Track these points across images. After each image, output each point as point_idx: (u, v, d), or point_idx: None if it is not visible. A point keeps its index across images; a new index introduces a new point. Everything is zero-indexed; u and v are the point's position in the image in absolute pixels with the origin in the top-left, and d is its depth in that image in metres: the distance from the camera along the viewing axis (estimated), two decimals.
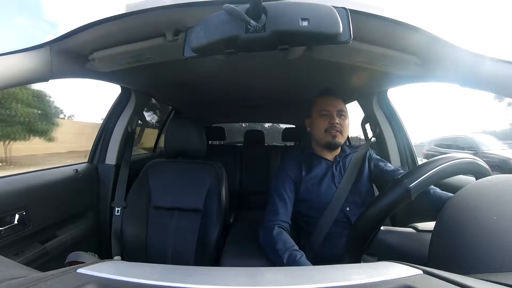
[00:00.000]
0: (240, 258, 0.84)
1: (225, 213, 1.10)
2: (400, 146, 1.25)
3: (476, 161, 0.47)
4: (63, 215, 1.01)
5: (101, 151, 1.25)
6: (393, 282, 0.26)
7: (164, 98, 1.67)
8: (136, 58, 0.82)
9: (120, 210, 1.12)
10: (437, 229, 0.36)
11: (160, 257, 1.03)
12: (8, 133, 7.26)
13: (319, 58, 0.83)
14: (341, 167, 0.92)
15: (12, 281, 0.26)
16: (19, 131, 7.35)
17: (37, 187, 0.91)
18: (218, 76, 1.22)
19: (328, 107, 0.90)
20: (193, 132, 1.13)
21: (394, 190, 0.45)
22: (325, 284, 0.26)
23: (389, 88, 1.20)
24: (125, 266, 0.34)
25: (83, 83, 29.35)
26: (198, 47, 0.46)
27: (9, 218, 0.78)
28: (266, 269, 0.33)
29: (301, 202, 0.88)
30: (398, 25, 0.61)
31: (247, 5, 0.41)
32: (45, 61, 0.66)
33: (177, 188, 1.11)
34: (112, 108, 1.28)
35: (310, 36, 0.42)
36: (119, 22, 0.63)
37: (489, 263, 0.27)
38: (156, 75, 1.15)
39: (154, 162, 1.17)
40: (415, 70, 0.80)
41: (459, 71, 0.66)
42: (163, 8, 0.59)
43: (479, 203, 0.34)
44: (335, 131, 0.88)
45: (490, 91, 0.61)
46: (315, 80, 1.27)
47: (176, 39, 0.69)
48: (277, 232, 0.77)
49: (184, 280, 0.27)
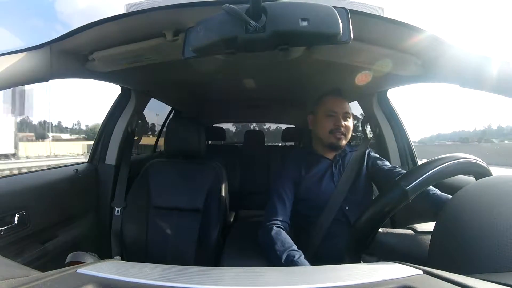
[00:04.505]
0: (240, 258, 0.84)
1: (225, 213, 1.10)
2: (400, 146, 1.25)
3: (475, 161, 0.47)
4: (63, 215, 1.01)
5: (101, 151, 1.25)
6: (393, 282, 0.26)
7: (164, 98, 1.67)
8: (136, 58, 0.82)
9: (120, 210, 1.12)
10: (437, 229, 0.36)
11: (160, 257, 1.03)
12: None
13: (319, 58, 0.83)
14: (340, 166, 0.92)
15: (12, 281, 0.26)
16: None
17: (37, 187, 0.91)
18: (218, 76, 1.22)
19: (335, 109, 0.89)
20: (193, 132, 1.13)
21: (391, 192, 0.45)
22: (325, 284, 0.26)
23: (389, 88, 1.20)
24: (125, 266, 0.34)
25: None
26: (198, 47, 0.46)
27: (9, 218, 0.78)
28: (266, 269, 0.34)
29: (301, 201, 0.88)
30: (398, 25, 0.61)
31: (247, 5, 0.41)
32: (45, 61, 0.66)
33: (177, 188, 1.11)
34: (112, 108, 1.28)
35: (310, 36, 0.42)
36: (119, 22, 0.63)
37: (489, 263, 0.27)
38: (156, 75, 1.15)
39: (154, 162, 1.17)
40: (415, 70, 0.80)
41: (459, 71, 0.66)
42: (163, 8, 0.59)
43: (479, 203, 0.34)
44: (340, 133, 0.88)
45: (490, 91, 0.61)
46: (315, 80, 1.27)
47: (176, 39, 0.69)
48: (275, 232, 0.77)
49: (184, 280, 0.27)
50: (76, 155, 14.82)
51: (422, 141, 22.61)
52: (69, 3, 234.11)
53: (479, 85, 0.61)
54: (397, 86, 1.11)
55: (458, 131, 16.75)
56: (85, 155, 10.27)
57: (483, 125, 25.10)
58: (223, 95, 1.71)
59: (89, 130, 25.73)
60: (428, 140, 24.95)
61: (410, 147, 1.24)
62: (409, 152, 1.24)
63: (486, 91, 0.61)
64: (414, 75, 0.83)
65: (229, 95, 1.71)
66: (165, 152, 1.19)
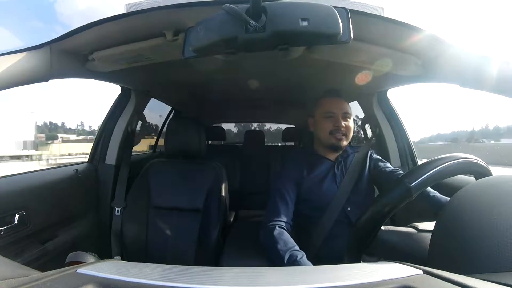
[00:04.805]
0: (240, 258, 0.84)
1: (225, 213, 1.10)
2: (400, 146, 1.25)
3: (476, 161, 0.47)
4: (63, 215, 1.01)
5: (101, 151, 1.25)
6: (393, 282, 0.26)
7: (164, 98, 1.67)
8: (136, 58, 0.82)
9: (120, 210, 1.12)
10: (437, 229, 0.36)
11: (160, 257, 1.03)
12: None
13: (319, 58, 0.83)
14: (342, 167, 0.92)
15: (12, 281, 0.26)
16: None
17: (37, 187, 0.91)
18: (218, 76, 1.22)
19: (334, 109, 0.89)
20: (193, 132, 1.13)
21: (395, 190, 0.45)
22: (325, 284, 0.26)
23: (389, 88, 1.20)
24: (125, 266, 0.34)
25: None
26: (198, 47, 0.46)
27: (9, 218, 0.78)
28: (266, 269, 0.34)
29: (302, 202, 0.88)
30: (398, 25, 0.61)
31: (247, 5, 0.41)
32: (45, 61, 0.66)
33: (177, 188, 1.11)
34: (112, 108, 1.28)
35: (310, 36, 0.42)
36: (119, 22, 0.63)
37: (489, 263, 0.27)
38: (156, 75, 1.15)
39: (154, 162, 1.17)
40: (415, 70, 0.80)
41: (459, 71, 0.66)
42: (163, 8, 0.59)
43: (479, 203, 0.34)
44: (341, 134, 0.87)
45: (490, 91, 0.61)
46: (315, 80, 1.27)
47: (176, 39, 0.69)
48: (278, 232, 0.77)
49: (184, 280, 0.27)
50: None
51: (422, 141, 22.82)
52: (69, 5, 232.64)
53: (479, 85, 0.61)
54: (397, 86, 1.11)
55: (457, 131, 16.95)
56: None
57: (480, 125, 25.35)
58: (223, 95, 1.70)
59: (96, 131, 26.18)
60: (427, 140, 25.20)
61: (410, 147, 1.24)
62: (409, 152, 1.24)
63: (486, 91, 0.61)
64: (414, 75, 0.83)
65: (229, 95, 1.71)
66: (165, 152, 1.19)
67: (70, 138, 22.60)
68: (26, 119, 17.47)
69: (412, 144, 1.26)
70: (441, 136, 30.22)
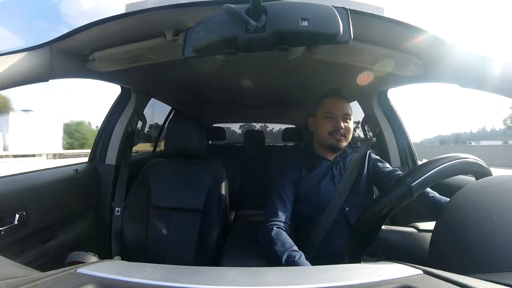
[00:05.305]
0: (240, 258, 0.84)
1: (225, 213, 1.10)
2: (400, 146, 1.25)
3: (477, 161, 0.47)
4: (63, 215, 1.01)
5: (101, 151, 1.25)
6: (393, 282, 0.26)
7: (164, 98, 1.67)
8: (136, 58, 0.82)
9: (120, 210, 1.12)
10: (437, 229, 0.36)
11: (160, 257, 1.03)
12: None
13: (319, 58, 0.83)
14: (341, 167, 0.92)
15: (12, 281, 0.26)
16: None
17: (37, 187, 0.91)
18: (218, 76, 1.22)
19: (335, 110, 0.88)
20: (193, 132, 1.13)
21: (396, 189, 0.45)
22: (325, 284, 0.26)
23: (389, 88, 1.20)
24: (125, 266, 0.34)
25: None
26: (198, 47, 0.46)
27: (9, 218, 0.78)
28: (266, 269, 0.33)
29: (301, 202, 0.88)
30: (398, 25, 0.61)
31: (247, 5, 0.41)
32: (45, 61, 0.66)
33: (177, 188, 1.11)
34: (112, 108, 1.28)
35: (310, 36, 0.42)
36: (119, 22, 0.63)
37: (489, 263, 0.27)
38: (156, 75, 1.15)
39: (154, 162, 1.17)
40: (415, 70, 0.80)
41: (459, 71, 0.66)
42: (163, 8, 0.59)
43: (479, 203, 0.34)
44: (340, 135, 0.87)
45: (490, 91, 0.61)
46: (315, 80, 1.27)
47: (176, 39, 0.69)
48: (275, 233, 0.77)
49: (184, 280, 0.27)
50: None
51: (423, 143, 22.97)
52: (73, 5, 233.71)
53: (480, 86, 0.61)
54: (398, 86, 1.10)
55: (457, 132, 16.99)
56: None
57: (478, 127, 25.41)
58: (223, 95, 1.70)
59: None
60: (427, 142, 25.38)
61: (410, 147, 1.24)
62: (409, 152, 1.24)
63: (486, 91, 0.61)
64: (414, 75, 0.83)
65: (229, 95, 1.71)
66: (165, 152, 1.19)
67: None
68: (55, 125, 20.39)
69: (412, 144, 1.26)
70: (441, 137, 30.34)
